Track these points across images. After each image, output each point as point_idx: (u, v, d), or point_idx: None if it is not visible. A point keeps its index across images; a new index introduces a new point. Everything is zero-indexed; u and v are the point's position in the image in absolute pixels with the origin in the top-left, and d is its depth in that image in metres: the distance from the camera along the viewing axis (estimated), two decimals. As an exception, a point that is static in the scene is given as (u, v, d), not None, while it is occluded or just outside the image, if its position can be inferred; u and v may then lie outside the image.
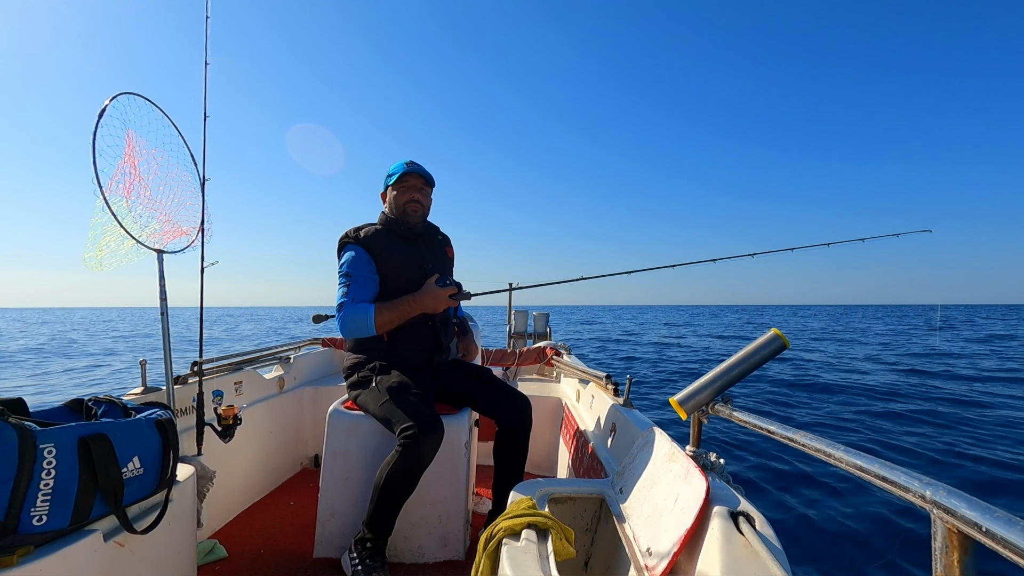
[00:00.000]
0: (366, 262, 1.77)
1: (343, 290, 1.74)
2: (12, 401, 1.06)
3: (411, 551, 1.74)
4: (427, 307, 1.76)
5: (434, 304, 1.76)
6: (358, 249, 1.78)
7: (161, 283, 1.64)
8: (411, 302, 1.74)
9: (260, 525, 2.02)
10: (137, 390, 1.69)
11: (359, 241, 1.79)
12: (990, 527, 0.50)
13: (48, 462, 0.94)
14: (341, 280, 1.76)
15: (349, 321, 1.69)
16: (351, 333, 1.72)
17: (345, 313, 1.70)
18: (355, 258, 1.76)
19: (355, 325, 1.70)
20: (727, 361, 1.17)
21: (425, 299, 1.75)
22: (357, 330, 1.71)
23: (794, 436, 0.86)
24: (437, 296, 1.75)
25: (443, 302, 1.77)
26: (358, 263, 1.76)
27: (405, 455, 1.55)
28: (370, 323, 1.69)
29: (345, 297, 1.72)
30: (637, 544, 1.10)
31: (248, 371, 2.28)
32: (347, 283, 1.74)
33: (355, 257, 1.76)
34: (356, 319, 1.69)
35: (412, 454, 1.54)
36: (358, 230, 1.83)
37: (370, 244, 1.78)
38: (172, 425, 1.26)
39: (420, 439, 1.54)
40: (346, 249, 1.80)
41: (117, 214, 1.51)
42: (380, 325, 1.70)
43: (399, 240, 1.84)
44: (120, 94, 1.50)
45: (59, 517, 0.97)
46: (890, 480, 0.65)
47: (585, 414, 2.34)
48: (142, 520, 1.17)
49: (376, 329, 1.70)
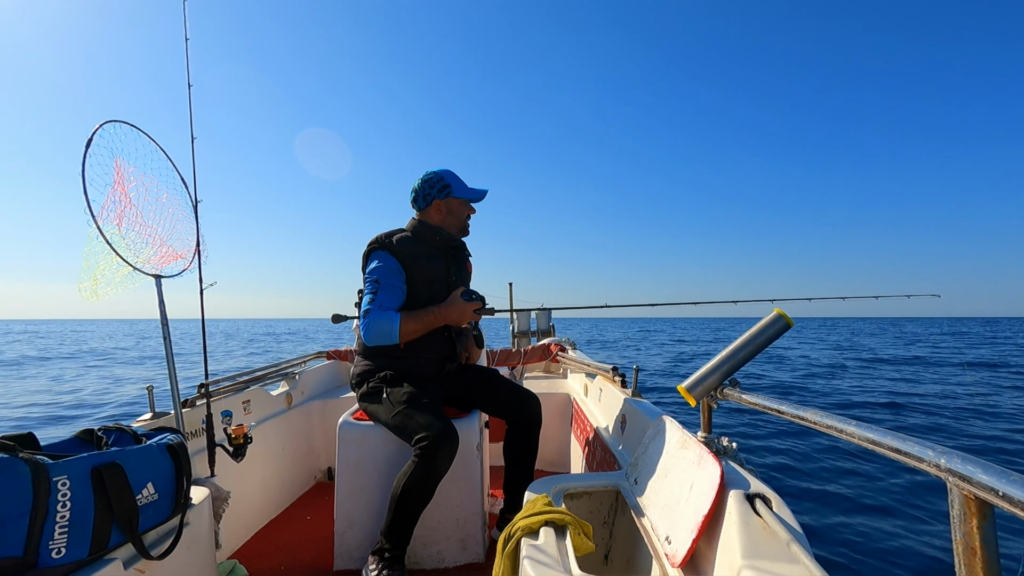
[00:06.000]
0: (397, 271, 1.74)
1: (370, 296, 1.71)
2: (22, 436, 1.06)
3: (431, 556, 1.74)
4: (452, 320, 1.76)
5: (459, 318, 1.76)
6: (389, 257, 1.74)
7: (161, 308, 1.63)
8: (436, 314, 1.73)
9: (279, 541, 2.02)
10: (146, 416, 1.69)
11: (391, 249, 1.75)
12: (1007, 491, 0.50)
13: (63, 494, 0.94)
14: (369, 286, 1.73)
15: (374, 328, 1.67)
16: (375, 340, 1.69)
17: (371, 320, 1.67)
18: (386, 266, 1.73)
19: (380, 332, 1.67)
20: (732, 344, 1.17)
21: (451, 312, 1.75)
22: (381, 338, 1.68)
23: (804, 414, 0.86)
24: (463, 310, 1.76)
25: (468, 316, 1.77)
26: (389, 271, 1.73)
27: (421, 465, 1.54)
28: (395, 332, 1.67)
29: (372, 304, 1.69)
30: (656, 533, 1.10)
31: (255, 389, 2.28)
32: (375, 290, 1.71)
33: (386, 264, 1.73)
34: (382, 327, 1.67)
35: (428, 464, 1.54)
36: (390, 236, 1.79)
37: (401, 253, 1.75)
38: (183, 449, 1.26)
39: (435, 450, 1.54)
40: (377, 255, 1.76)
41: (111, 242, 1.51)
42: (404, 335, 1.69)
43: (430, 250, 1.81)
44: (106, 122, 1.50)
45: (78, 548, 0.97)
46: (903, 451, 0.65)
47: (594, 408, 2.34)
48: (159, 545, 1.17)
49: (399, 339, 1.69)
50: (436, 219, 1.86)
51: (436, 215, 1.86)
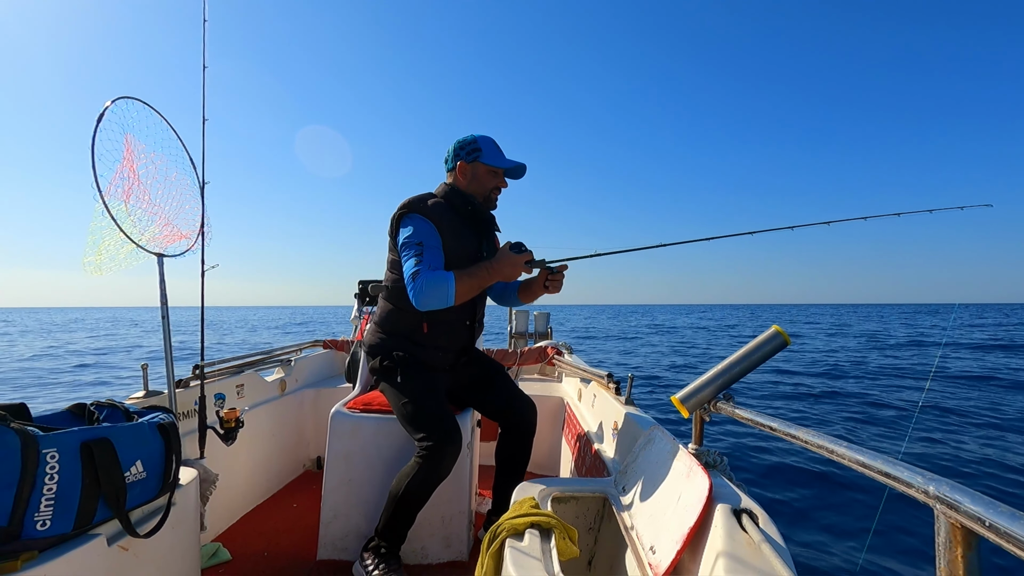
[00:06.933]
0: (435, 234, 1.65)
1: (415, 259, 1.60)
2: (14, 406, 1.06)
3: (415, 552, 1.74)
4: (504, 275, 1.65)
5: (512, 272, 1.65)
6: (426, 221, 1.65)
7: (162, 287, 1.64)
8: (489, 269, 1.63)
9: (263, 528, 2.02)
10: (139, 394, 1.69)
11: (425, 213, 1.66)
12: (994, 521, 0.50)
13: (51, 467, 0.95)
14: (411, 249, 1.62)
15: (428, 288, 1.55)
16: (428, 302, 1.57)
17: (423, 280, 1.55)
18: (425, 228, 1.64)
19: (434, 293, 1.56)
20: (729, 359, 1.17)
21: (503, 266, 1.64)
22: (435, 299, 1.57)
23: (796, 433, 0.86)
24: (515, 263, 1.64)
25: (520, 270, 1.66)
26: (429, 233, 1.64)
27: (426, 467, 1.53)
28: (451, 293, 1.57)
29: (420, 264, 1.58)
30: (640, 543, 1.10)
31: (249, 374, 2.28)
32: (419, 252, 1.61)
33: (425, 227, 1.64)
34: (437, 287, 1.55)
35: (432, 466, 1.53)
36: (423, 200, 1.70)
37: (436, 217, 1.66)
38: (174, 429, 1.26)
39: (441, 453, 1.53)
40: (412, 218, 1.67)
41: (116, 218, 1.51)
42: (460, 295, 1.59)
43: (461, 219, 1.72)
44: (119, 98, 1.50)
45: (63, 522, 0.97)
46: (893, 476, 0.65)
47: (587, 413, 2.34)
48: (145, 524, 1.17)
49: (455, 299, 1.59)
50: (461, 184, 1.76)
51: (461, 179, 1.75)
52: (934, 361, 12.50)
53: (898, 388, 8.50)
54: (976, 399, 7.35)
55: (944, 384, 8.71)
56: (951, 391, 7.98)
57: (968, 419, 6.12)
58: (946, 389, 8.19)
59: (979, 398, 7.45)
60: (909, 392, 8.14)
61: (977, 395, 7.69)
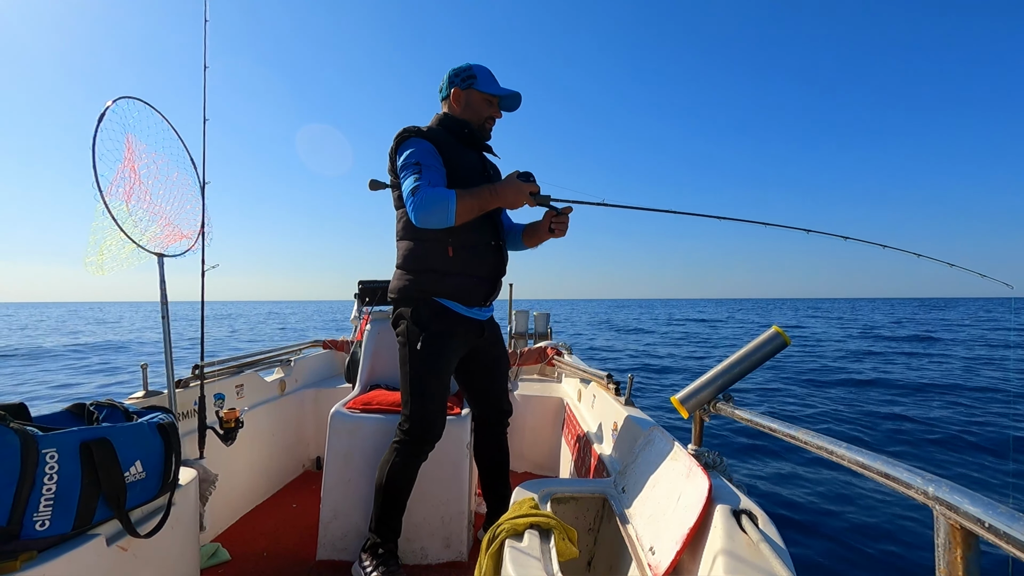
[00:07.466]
0: (436, 154, 1.60)
1: (414, 176, 1.54)
2: (14, 406, 1.06)
3: (414, 552, 1.74)
4: (508, 202, 1.59)
5: (515, 199, 1.58)
6: (425, 141, 1.61)
7: (162, 287, 1.64)
8: (493, 191, 1.56)
9: (263, 528, 2.02)
10: (139, 394, 1.69)
11: (424, 135, 1.62)
12: (993, 522, 0.50)
13: (51, 467, 0.95)
14: (410, 169, 1.56)
15: (428, 203, 1.49)
16: (428, 219, 1.52)
17: (423, 196, 1.49)
18: (425, 148, 1.59)
19: (435, 209, 1.49)
20: (728, 359, 1.17)
21: (508, 191, 1.57)
22: (436, 216, 1.51)
23: (796, 434, 0.86)
24: (520, 190, 1.58)
25: (524, 198, 1.59)
26: (428, 152, 1.59)
27: (401, 452, 1.58)
28: (452, 210, 1.50)
29: (420, 181, 1.52)
30: (640, 543, 1.10)
31: (249, 374, 2.28)
32: (419, 170, 1.55)
33: (425, 147, 1.59)
34: (437, 203, 1.49)
35: (407, 452, 1.58)
36: (419, 127, 1.66)
37: (437, 140, 1.62)
38: (174, 429, 1.26)
39: (419, 445, 1.58)
40: (410, 141, 1.61)
41: (117, 218, 1.51)
42: (461, 213, 1.52)
43: (461, 144, 1.69)
44: (120, 98, 1.50)
45: (62, 522, 0.97)
46: (892, 477, 0.65)
47: (587, 414, 2.34)
48: (145, 524, 1.17)
49: (455, 218, 1.52)
50: (455, 111, 1.71)
51: (456, 106, 1.70)
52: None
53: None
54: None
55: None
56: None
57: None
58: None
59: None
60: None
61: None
